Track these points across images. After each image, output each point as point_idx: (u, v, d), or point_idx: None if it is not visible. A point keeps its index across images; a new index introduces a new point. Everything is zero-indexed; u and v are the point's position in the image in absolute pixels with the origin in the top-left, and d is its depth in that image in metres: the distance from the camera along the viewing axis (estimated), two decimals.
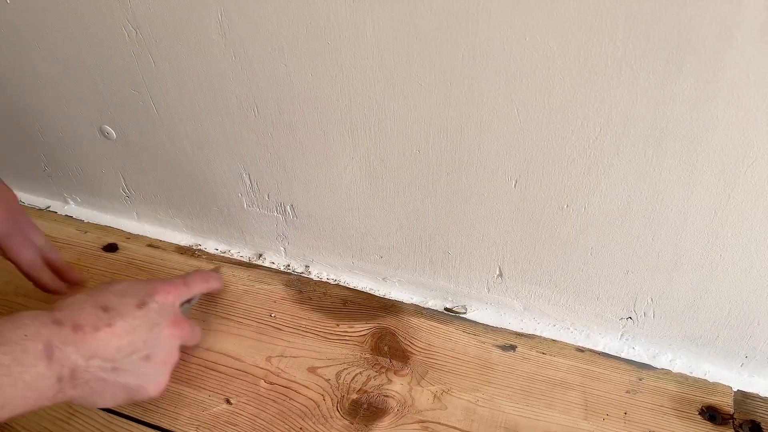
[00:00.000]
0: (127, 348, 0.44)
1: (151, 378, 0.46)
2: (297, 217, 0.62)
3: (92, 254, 0.69)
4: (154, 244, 0.70)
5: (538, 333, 0.59)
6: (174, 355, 0.48)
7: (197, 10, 0.46)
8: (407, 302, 0.62)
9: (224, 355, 0.57)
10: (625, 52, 0.37)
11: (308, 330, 0.59)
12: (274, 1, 0.43)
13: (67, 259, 0.67)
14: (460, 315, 0.61)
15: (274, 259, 0.68)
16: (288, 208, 0.61)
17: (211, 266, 0.66)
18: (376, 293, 0.63)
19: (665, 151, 0.41)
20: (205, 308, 0.62)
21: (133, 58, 0.53)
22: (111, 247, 0.70)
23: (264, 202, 0.62)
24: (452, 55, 0.42)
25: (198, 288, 0.55)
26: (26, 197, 0.78)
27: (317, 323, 0.60)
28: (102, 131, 0.62)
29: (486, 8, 0.38)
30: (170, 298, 0.49)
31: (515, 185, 0.48)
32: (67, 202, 0.76)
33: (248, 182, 0.60)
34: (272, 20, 0.45)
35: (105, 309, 0.44)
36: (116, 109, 0.59)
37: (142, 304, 0.46)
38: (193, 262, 0.68)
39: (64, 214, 0.75)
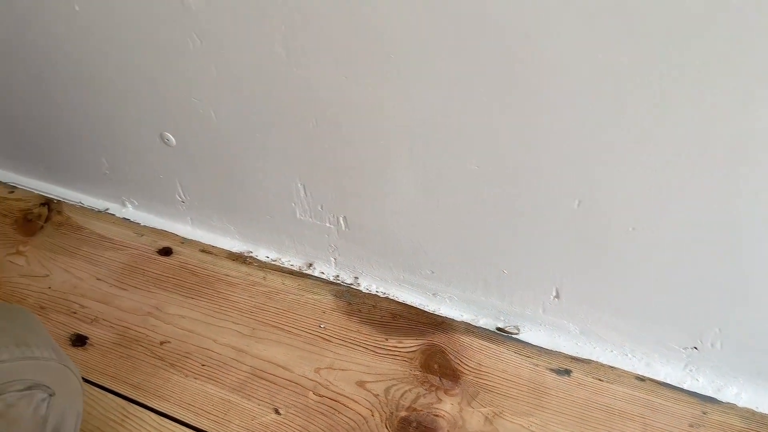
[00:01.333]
0: None
1: None
2: (349, 229, 0.62)
3: (148, 257, 0.71)
4: (206, 250, 0.71)
5: (594, 358, 0.57)
6: None
7: (262, 24, 0.47)
8: (458, 320, 0.61)
9: (273, 363, 0.57)
10: (707, 73, 0.35)
11: (357, 343, 0.59)
12: (339, 16, 0.43)
13: (122, 261, 0.69)
14: (513, 335, 0.59)
15: (324, 269, 0.68)
16: (340, 219, 0.61)
17: (261, 273, 0.67)
18: (426, 309, 0.62)
19: (747, 174, 0.39)
20: (256, 316, 0.62)
21: (196, 67, 0.54)
22: (166, 251, 0.71)
23: (317, 213, 0.62)
24: (513, 71, 0.40)
25: None
26: (86, 199, 0.80)
27: (366, 336, 0.60)
28: (162, 138, 0.63)
29: (554, 24, 0.37)
30: None
31: (578, 205, 0.47)
32: (125, 205, 0.78)
33: (302, 192, 0.61)
34: (337, 34, 0.45)
35: None
36: (177, 116, 0.60)
37: None
38: (244, 269, 0.69)
39: (121, 217, 0.77)
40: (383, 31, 0.43)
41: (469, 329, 0.60)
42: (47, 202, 0.80)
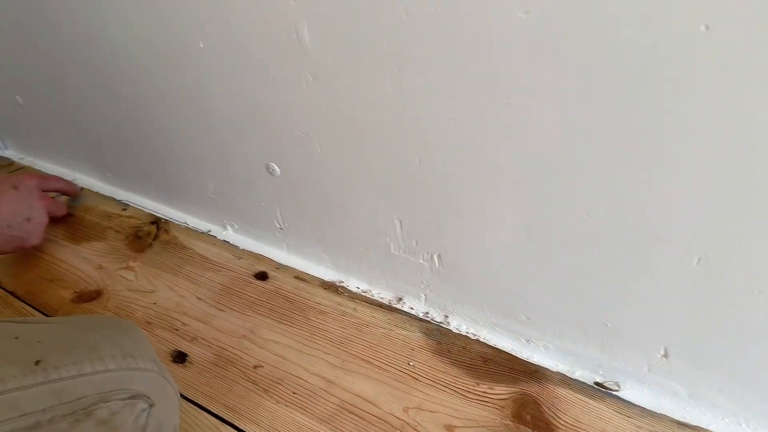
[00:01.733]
0: (14, 214, 0.71)
1: (32, 233, 0.74)
2: (443, 267, 0.61)
3: (244, 280, 0.73)
4: (300, 277, 0.73)
5: (704, 425, 0.52)
6: (45, 217, 0.77)
7: (375, 65, 0.48)
8: (552, 369, 0.58)
9: (362, 398, 0.57)
10: None
11: (446, 385, 0.58)
12: (453, 59, 0.44)
13: (221, 282, 0.72)
14: (613, 392, 0.56)
15: (414, 305, 0.68)
16: (435, 256, 0.61)
17: (352, 304, 0.67)
18: (519, 355, 0.60)
19: None
20: (346, 347, 0.63)
21: (306, 103, 0.56)
22: (262, 275, 0.74)
23: (411, 248, 0.62)
24: (640, 120, 0.39)
25: (54, 184, 0.84)
26: (191, 220, 0.85)
27: (456, 379, 0.58)
28: (268, 167, 0.66)
29: (687, 73, 0.35)
30: (33, 182, 0.77)
31: (698, 263, 0.44)
32: (225, 228, 0.82)
33: (398, 227, 0.61)
34: (448, 77, 0.45)
35: None
36: (284, 148, 0.63)
37: (15, 187, 0.74)
38: (336, 298, 0.69)
39: (222, 239, 0.81)
40: (497, 78, 0.43)
41: (565, 381, 0.57)
42: (156, 221, 0.85)
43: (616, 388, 0.56)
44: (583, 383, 0.57)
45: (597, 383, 0.57)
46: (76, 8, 0.66)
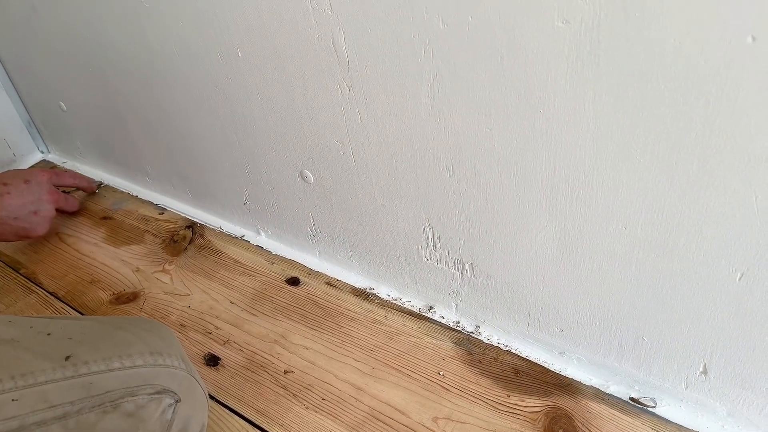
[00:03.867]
0: (22, 206, 0.77)
1: (37, 225, 0.80)
2: (475, 277, 0.61)
3: (276, 285, 0.74)
4: (331, 283, 0.74)
5: None
6: (52, 211, 0.82)
7: (411, 75, 0.48)
8: (586, 383, 0.57)
9: (391, 406, 0.57)
10: None
11: (477, 395, 0.57)
12: (489, 69, 0.43)
13: (253, 287, 0.73)
14: (648, 408, 0.55)
15: (444, 314, 0.67)
16: (467, 266, 0.60)
17: (383, 312, 0.68)
18: (551, 368, 0.59)
19: None
20: (376, 355, 0.63)
21: (342, 112, 0.56)
22: (293, 281, 0.75)
23: (443, 258, 0.62)
24: (683, 133, 0.38)
25: (67, 180, 0.90)
26: (225, 225, 0.86)
27: (486, 390, 0.58)
28: (302, 175, 0.67)
29: (733, 86, 0.34)
30: (45, 177, 0.82)
31: (740, 278, 0.42)
32: (259, 234, 0.83)
33: (430, 236, 0.61)
34: (484, 87, 0.45)
35: (5, 184, 0.76)
36: (318, 156, 0.63)
37: (27, 181, 0.79)
38: (366, 305, 0.70)
39: (255, 244, 0.82)
40: (534, 88, 0.42)
41: (599, 395, 0.56)
42: (191, 225, 0.87)
43: (652, 404, 0.55)
44: (618, 398, 0.56)
45: (632, 399, 0.55)
46: (119, 18, 0.68)
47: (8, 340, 0.39)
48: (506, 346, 0.63)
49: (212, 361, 0.65)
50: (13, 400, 0.35)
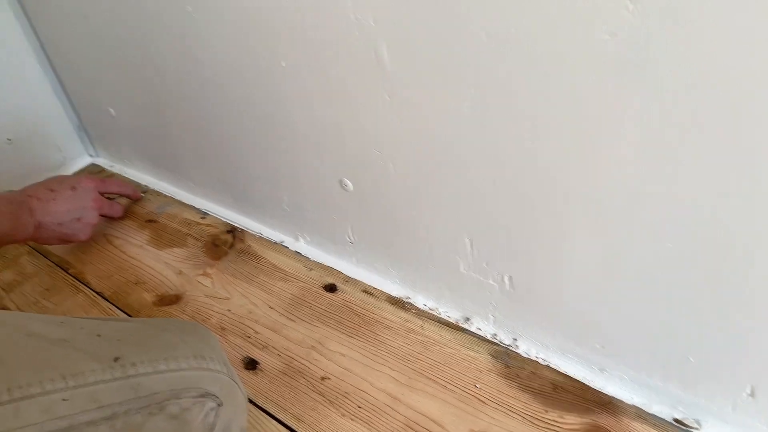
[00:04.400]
0: (67, 213, 0.79)
1: (80, 231, 0.82)
2: (514, 289, 0.60)
3: (314, 291, 0.75)
4: (368, 291, 0.74)
5: None
6: (95, 218, 0.84)
7: (453, 86, 0.48)
8: (627, 402, 0.56)
9: (427, 417, 0.57)
10: None
11: (514, 410, 0.57)
12: (531, 81, 0.43)
13: (291, 292, 0.74)
14: (693, 430, 0.53)
15: (481, 326, 0.67)
16: (506, 278, 0.60)
17: (419, 321, 0.67)
18: (591, 384, 0.58)
19: None
20: (412, 365, 0.63)
21: (382, 122, 0.57)
22: (331, 287, 0.75)
23: (481, 269, 0.61)
24: (734, 147, 0.37)
25: (113, 188, 0.92)
26: (265, 230, 0.87)
27: (524, 405, 0.57)
28: (341, 183, 0.68)
29: None
30: (91, 185, 0.84)
31: None
32: (297, 240, 0.84)
33: (469, 247, 0.60)
34: (527, 99, 0.44)
35: (52, 190, 0.78)
36: (357, 165, 0.64)
37: (73, 188, 0.81)
38: (403, 314, 0.70)
39: (294, 250, 0.83)
40: (579, 101, 0.42)
41: (641, 415, 0.54)
42: (232, 230, 0.88)
43: (697, 426, 0.53)
44: (661, 419, 0.54)
45: (676, 420, 0.54)
46: (167, 27, 0.71)
47: (60, 340, 0.41)
48: (545, 360, 0.62)
49: (251, 364, 0.66)
50: (63, 399, 0.36)
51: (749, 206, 0.39)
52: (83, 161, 1.16)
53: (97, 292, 0.80)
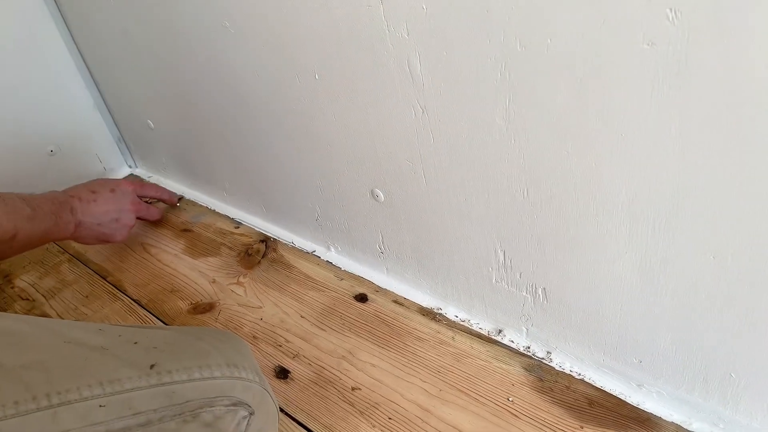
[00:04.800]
0: (105, 214, 0.82)
1: (117, 232, 0.84)
2: (548, 302, 0.59)
3: (345, 301, 0.75)
4: (399, 301, 0.74)
5: None
6: (132, 221, 0.87)
7: (486, 97, 0.48)
8: (666, 419, 0.54)
9: (458, 430, 0.57)
10: None
11: (548, 425, 0.56)
12: (566, 91, 0.43)
13: (323, 302, 0.74)
14: None
15: (514, 338, 0.66)
16: (539, 290, 0.59)
17: (450, 333, 0.67)
18: (628, 400, 0.57)
19: None
20: (443, 377, 0.62)
21: (414, 133, 0.57)
22: (361, 298, 0.75)
23: (514, 281, 0.61)
24: None
25: (150, 192, 0.96)
26: (297, 240, 0.88)
27: (558, 419, 0.56)
28: (372, 193, 0.68)
29: None
30: (130, 188, 0.88)
31: None
32: (329, 249, 0.85)
33: (501, 259, 0.60)
34: (562, 109, 0.44)
35: (93, 192, 0.82)
36: (389, 175, 0.64)
37: (113, 191, 0.84)
38: (434, 325, 0.69)
39: (325, 260, 0.83)
40: (615, 111, 0.41)
41: None
42: (265, 240, 0.90)
43: None
44: None
45: None
46: (204, 41, 0.72)
47: (98, 347, 0.42)
48: (579, 374, 0.60)
49: (282, 373, 0.66)
50: (100, 406, 0.37)
51: None
52: (123, 172, 1.19)
53: (134, 300, 0.81)
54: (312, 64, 0.61)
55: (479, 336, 0.67)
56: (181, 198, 1.05)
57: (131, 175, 1.18)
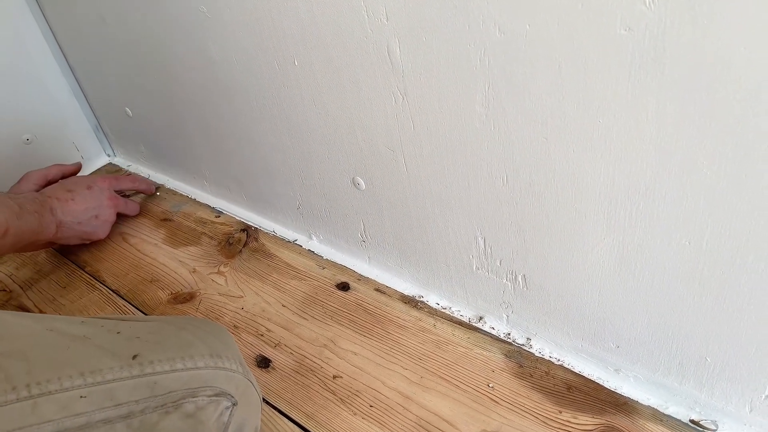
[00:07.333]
0: (84, 211, 0.82)
1: (99, 228, 0.85)
2: (527, 288, 0.59)
3: (327, 290, 0.75)
4: (381, 289, 0.74)
5: None
6: (112, 216, 0.87)
7: (465, 83, 0.48)
8: (643, 403, 0.55)
9: (439, 417, 0.57)
10: None
11: (527, 410, 0.56)
12: (545, 77, 0.43)
13: (304, 291, 0.74)
14: (709, 431, 0.52)
15: (495, 325, 0.66)
16: (519, 277, 0.59)
17: (431, 320, 0.67)
18: (606, 385, 0.57)
19: None
20: (424, 364, 0.62)
21: (395, 120, 0.57)
22: (343, 286, 0.75)
23: (494, 268, 0.61)
24: (754, 144, 0.36)
25: (127, 184, 0.94)
26: (279, 229, 0.88)
27: (537, 404, 0.56)
28: (354, 181, 0.68)
29: None
30: (106, 184, 0.87)
31: None
32: (310, 238, 0.84)
33: (482, 246, 0.60)
34: (541, 95, 0.44)
35: (69, 190, 0.81)
36: (370, 163, 0.64)
37: (89, 188, 0.84)
38: (415, 313, 0.69)
39: (307, 249, 0.83)
40: (593, 96, 0.41)
41: (657, 416, 0.54)
42: (246, 229, 0.89)
43: (714, 427, 0.52)
44: (678, 420, 0.53)
45: (692, 421, 0.53)
46: (182, 28, 0.71)
47: (80, 337, 0.41)
48: (558, 360, 0.61)
49: (263, 363, 0.66)
50: (81, 397, 0.36)
51: (763, 200, 0.38)
52: (101, 161, 1.17)
53: (112, 290, 0.80)
54: (291, 50, 0.60)
55: (460, 323, 0.67)
56: (159, 187, 1.04)
57: (109, 164, 1.16)
